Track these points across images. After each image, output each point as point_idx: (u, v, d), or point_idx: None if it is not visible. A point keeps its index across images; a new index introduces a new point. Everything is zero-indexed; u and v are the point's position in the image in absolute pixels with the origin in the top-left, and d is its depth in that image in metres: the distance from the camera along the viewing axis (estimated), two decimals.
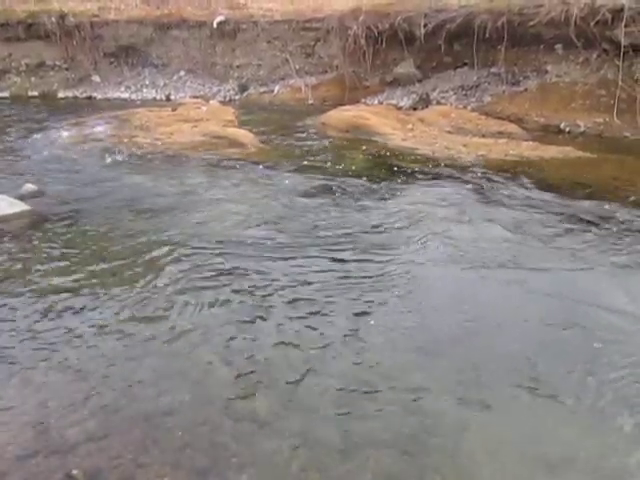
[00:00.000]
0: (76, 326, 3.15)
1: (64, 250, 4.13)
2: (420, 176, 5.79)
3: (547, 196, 5.14)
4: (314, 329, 3.10)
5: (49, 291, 3.54)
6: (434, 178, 5.70)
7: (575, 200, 5.01)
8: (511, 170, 5.89)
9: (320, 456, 2.25)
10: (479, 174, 5.80)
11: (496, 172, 5.83)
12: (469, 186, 5.43)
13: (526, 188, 5.36)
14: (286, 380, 2.68)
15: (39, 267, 3.86)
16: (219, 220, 4.67)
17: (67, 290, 3.54)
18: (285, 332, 3.07)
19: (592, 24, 7.86)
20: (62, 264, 3.91)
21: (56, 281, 3.66)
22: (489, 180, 5.60)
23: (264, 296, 3.44)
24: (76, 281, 3.66)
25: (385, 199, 5.14)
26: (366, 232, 4.39)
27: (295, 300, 3.39)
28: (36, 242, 4.29)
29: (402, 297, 3.42)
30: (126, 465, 2.21)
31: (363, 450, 2.27)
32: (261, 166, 6.23)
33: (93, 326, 3.15)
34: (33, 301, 3.42)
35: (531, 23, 8.54)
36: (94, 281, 3.65)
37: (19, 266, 3.88)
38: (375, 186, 5.51)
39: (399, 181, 5.67)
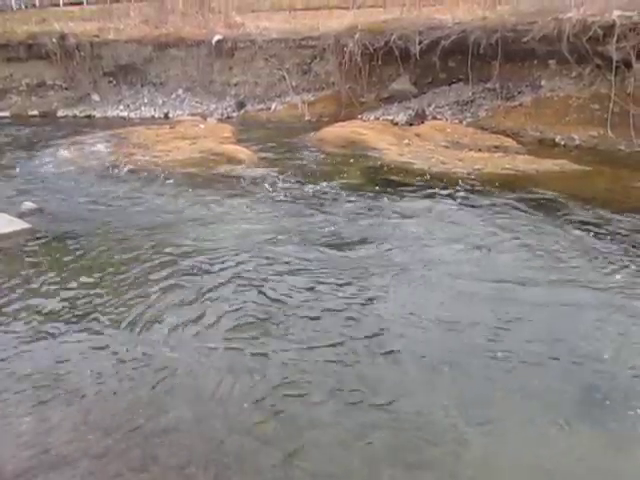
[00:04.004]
0: (74, 345, 3.16)
1: (63, 268, 4.14)
2: (416, 190, 5.82)
3: (543, 209, 5.18)
4: (326, 345, 3.12)
5: (48, 309, 3.54)
6: (430, 192, 5.73)
7: (571, 212, 5.05)
8: (507, 183, 5.93)
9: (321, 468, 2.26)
10: (475, 188, 5.84)
11: (492, 186, 5.87)
12: (465, 200, 5.47)
13: (522, 201, 5.39)
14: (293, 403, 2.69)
15: (38, 284, 3.87)
16: (216, 236, 4.69)
17: (66, 308, 3.55)
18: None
19: (584, 40, 7.98)
20: (61, 282, 3.92)
21: (55, 299, 3.67)
22: (485, 194, 5.63)
23: (262, 306, 3.46)
24: (75, 299, 3.66)
25: (381, 214, 5.17)
26: (359, 246, 4.42)
27: (294, 309, 3.41)
28: (35, 260, 4.31)
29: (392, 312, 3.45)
30: None
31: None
32: (259, 182, 6.27)
33: (91, 345, 3.15)
34: (31, 319, 3.43)
35: (524, 39, 8.66)
36: (93, 299, 3.66)
37: (18, 284, 3.89)
38: (371, 201, 5.55)
39: (395, 195, 5.70)
